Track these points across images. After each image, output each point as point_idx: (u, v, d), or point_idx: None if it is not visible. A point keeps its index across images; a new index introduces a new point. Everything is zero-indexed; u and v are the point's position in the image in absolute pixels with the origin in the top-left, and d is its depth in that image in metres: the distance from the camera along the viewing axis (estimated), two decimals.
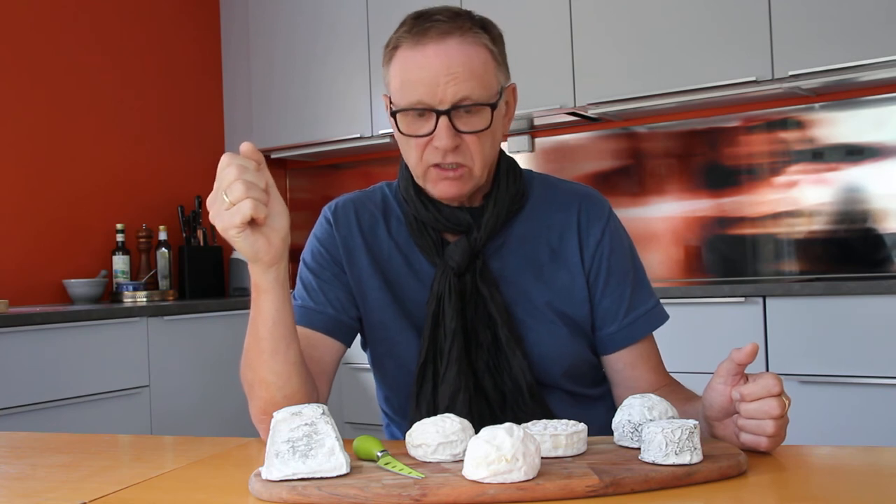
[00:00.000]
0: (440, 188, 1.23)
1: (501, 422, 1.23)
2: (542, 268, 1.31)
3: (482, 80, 1.20)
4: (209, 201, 1.02)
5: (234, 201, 0.99)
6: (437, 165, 1.22)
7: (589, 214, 1.33)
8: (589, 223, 1.33)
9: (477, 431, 0.91)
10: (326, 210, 1.38)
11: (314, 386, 1.20)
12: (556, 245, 1.32)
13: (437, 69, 1.18)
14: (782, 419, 0.99)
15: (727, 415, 1.04)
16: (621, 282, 1.32)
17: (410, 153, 1.24)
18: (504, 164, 1.32)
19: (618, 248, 1.34)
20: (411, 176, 1.30)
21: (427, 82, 1.19)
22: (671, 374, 1.36)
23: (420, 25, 1.21)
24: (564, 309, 1.30)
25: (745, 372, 1.03)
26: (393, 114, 1.24)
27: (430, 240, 1.29)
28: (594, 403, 1.35)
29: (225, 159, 1.01)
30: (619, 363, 1.33)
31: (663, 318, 1.35)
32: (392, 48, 1.24)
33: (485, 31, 1.24)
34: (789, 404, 1.00)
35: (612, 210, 1.37)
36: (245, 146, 1.02)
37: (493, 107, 1.21)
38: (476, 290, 1.26)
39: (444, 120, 1.19)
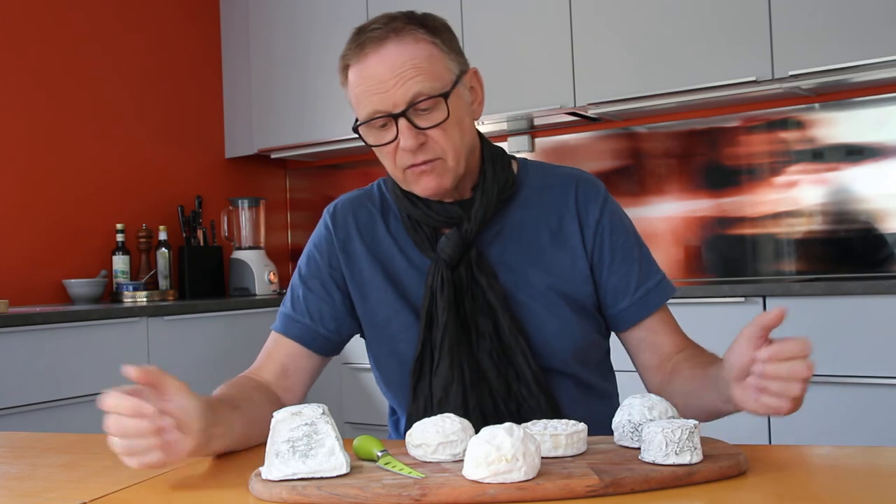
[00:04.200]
0: (421, 185, 1.25)
1: (504, 413, 1.24)
2: (542, 251, 1.31)
3: (429, 74, 1.21)
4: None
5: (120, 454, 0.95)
6: (411, 166, 1.24)
7: (586, 195, 1.34)
8: (587, 203, 1.33)
9: (479, 425, 0.92)
10: (326, 214, 1.40)
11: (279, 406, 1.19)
12: (556, 227, 1.32)
13: (381, 75, 1.20)
14: (806, 383, 0.96)
15: (745, 376, 1.01)
16: (627, 257, 1.33)
17: (385, 161, 1.27)
18: (488, 152, 1.33)
19: (618, 225, 1.34)
20: None
21: (376, 90, 1.20)
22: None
23: (358, 39, 1.23)
24: (567, 290, 1.30)
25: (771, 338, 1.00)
26: (355, 129, 1.26)
27: (423, 235, 1.30)
28: (601, 400, 1.35)
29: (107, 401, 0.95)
30: (641, 332, 1.32)
31: (672, 288, 1.35)
32: (342, 68, 1.26)
33: (421, 26, 1.24)
34: (814, 369, 0.96)
35: (607, 191, 1.37)
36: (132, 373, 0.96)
37: (446, 96, 1.22)
38: (473, 280, 1.27)
39: (402, 122, 1.20)
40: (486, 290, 1.26)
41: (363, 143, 1.27)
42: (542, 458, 0.90)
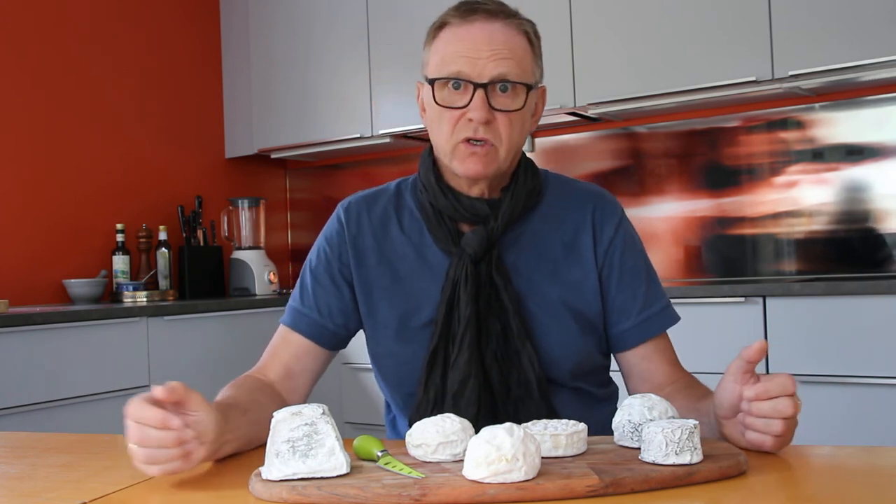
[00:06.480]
0: (467, 164, 1.25)
1: (503, 413, 1.24)
2: (555, 263, 1.32)
3: (521, 63, 1.25)
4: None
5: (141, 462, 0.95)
6: (466, 141, 1.24)
7: (603, 212, 1.36)
8: (603, 220, 1.35)
9: (476, 425, 0.91)
10: (339, 208, 1.41)
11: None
12: (570, 242, 1.34)
13: (480, 43, 1.23)
14: (791, 420, 0.98)
15: (736, 413, 1.03)
16: (635, 279, 1.34)
17: (442, 127, 1.27)
18: (523, 161, 1.35)
19: (630, 246, 1.36)
20: (433, 164, 1.33)
21: (469, 55, 1.23)
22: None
23: (468, 5, 1.27)
24: (576, 305, 1.31)
25: (757, 373, 1.03)
26: (431, 82, 1.26)
27: (446, 229, 1.31)
28: (600, 404, 1.36)
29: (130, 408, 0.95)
30: (635, 357, 1.34)
31: (676, 317, 1.36)
32: (438, 27, 1.29)
33: (529, 24, 1.31)
34: (800, 407, 0.99)
35: (624, 211, 1.40)
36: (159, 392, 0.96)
37: (530, 88, 1.25)
38: (490, 280, 1.28)
39: (480, 93, 1.22)
40: (500, 291, 1.27)
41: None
42: (542, 458, 0.90)
